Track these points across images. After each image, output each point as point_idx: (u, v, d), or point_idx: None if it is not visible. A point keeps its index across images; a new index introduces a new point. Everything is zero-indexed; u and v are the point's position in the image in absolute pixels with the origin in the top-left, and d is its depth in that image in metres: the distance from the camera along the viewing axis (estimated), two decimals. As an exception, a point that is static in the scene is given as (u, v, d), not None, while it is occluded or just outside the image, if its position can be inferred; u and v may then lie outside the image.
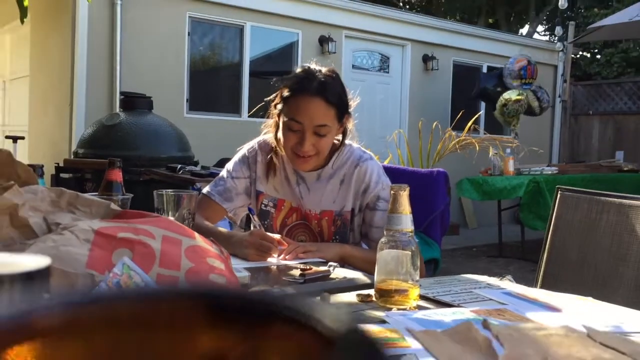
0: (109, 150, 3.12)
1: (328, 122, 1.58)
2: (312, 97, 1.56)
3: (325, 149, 1.63)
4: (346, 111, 1.66)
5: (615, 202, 1.58)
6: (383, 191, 1.66)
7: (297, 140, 1.58)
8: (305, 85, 1.57)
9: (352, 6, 7.53)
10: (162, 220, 0.82)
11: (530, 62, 7.54)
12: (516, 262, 5.94)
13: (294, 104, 1.58)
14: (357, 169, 1.67)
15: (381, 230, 1.61)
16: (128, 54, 5.75)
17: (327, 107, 1.57)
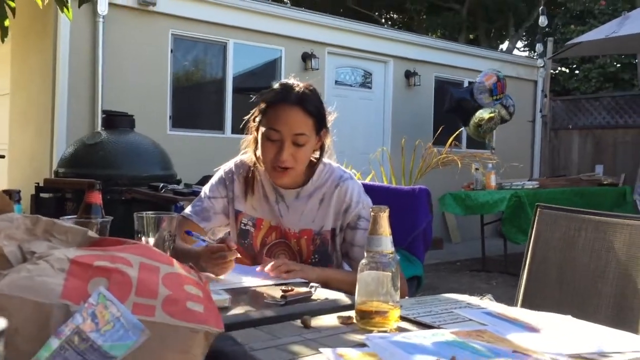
0: (90, 169, 3.10)
1: (306, 132, 1.60)
2: (291, 106, 1.59)
3: (303, 161, 1.64)
4: (324, 125, 1.68)
5: (593, 219, 1.60)
6: (364, 210, 1.67)
7: (276, 151, 1.60)
8: (284, 95, 1.61)
9: (334, 23, 7.59)
10: (140, 247, 0.82)
11: (500, 78, 7.63)
12: (499, 275, 5.97)
13: (273, 113, 1.60)
14: (338, 189, 1.68)
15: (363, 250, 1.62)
16: (110, 72, 5.73)
17: (305, 116, 1.60)
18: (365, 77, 8.18)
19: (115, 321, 0.70)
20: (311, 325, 1.11)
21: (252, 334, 1.05)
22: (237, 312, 1.20)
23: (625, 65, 11.27)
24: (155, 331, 0.72)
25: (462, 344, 0.95)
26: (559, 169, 9.38)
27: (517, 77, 9.44)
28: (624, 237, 1.52)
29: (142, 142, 3.32)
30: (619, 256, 1.52)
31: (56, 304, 0.70)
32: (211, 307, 0.80)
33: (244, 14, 6.67)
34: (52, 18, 5.48)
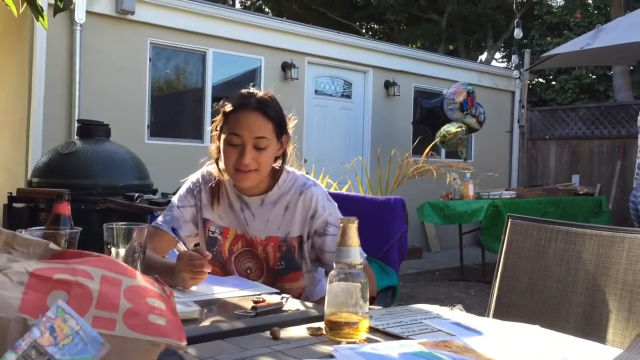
0: (64, 179, 3.07)
1: (267, 135, 1.63)
2: (251, 111, 1.63)
3: (265, 165, 1.65)
4: (284, 131, 1.70)
5: (563, 229, 1.62)
6: (330, 216, 1.70)
7: (237, 155, 1.62)
8: (244, 101, 1.65)
9: (314, 33, 7.62)
10: (102, 259, 0.81)
11: (469, 92, 7.69)
12: (477, 285, 6.01)
13: (234, 119, 1.64)
14: (302, 196, 1.70)
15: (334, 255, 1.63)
16: (88, 81, 5.69)
17: (265, 120, 1.64)
18: (345, 87, 8.22)
19: (74, 335, 0.69)
20: (280, 336, 1.10)
21: (220, 346, 1.05)
22: (207, 324, 1.20)
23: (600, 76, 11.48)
24: (115, 345, 0.71)
25: (428, 355, 0.95)
26: (537, 179, 9.48)
27: (495, 87, 9.56)
28: (593, 248, 1.54)
29: (118, 151, 3.30)
30: (587, 266, 1.54)
31: (14, 317, 0.69)
32: (174, 320, 0.79)
33: (223, 23, 6.67)
34: (28, 26, 5.43)
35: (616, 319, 1.46)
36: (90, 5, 5.64)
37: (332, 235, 1.67)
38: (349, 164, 6.18)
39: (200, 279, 1.44)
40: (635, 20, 6.66)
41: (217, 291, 1.47)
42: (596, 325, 1.51)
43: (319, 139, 7.65)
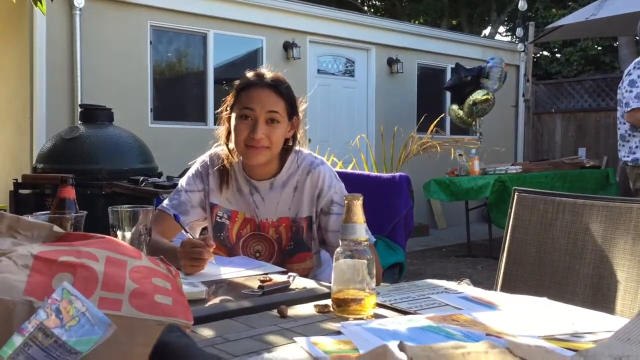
0: (69, 164, 3.07)
1: (279, 110, 1.63)
2: (264, 87, 1.64)
3: (277, 142, 1.64)
4: (295, 111, 1.69)
5: (570, 201, 1.61)
6: (336, 195, 1.68)
7: (249, 130, 1.61)
8: (256, 79, 1.66)
9: (315, 12, 7.55)
10: (106, 240, 0.81)
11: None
12: (484, 260, 6.02)
13: (247, 95, 1.64)
14: (310, 175, 1.68)
15: (337, 235, 1.62)
16: (89, 65, 5.67)
17: (277, 97, 1.64)
18: (348, 66, 8.16)
19: (80, 316, 0.69)
20: (288, 314, 1.11)
21: (228, 325, 1.05)
22: (214, 303, 1.20)
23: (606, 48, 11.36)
24: (122, 325, 0.71)
25: (436, 329, 0.95)
26: (543, 153, 9.44)
27: (500, 62, 9.46)
28: (600, 219, 1.53)
29: (121, 135, 3.29)
30: (595, 238, 1.53)
31: (19, 300, 0.69)
32: (180, 300, 0.79)
33: (223, 4, 6.61)
34: (28, 12, 5.40)
35: (625, 289, 1.45)
36: (89, -11, 5.59)
37: (337, 214, 1.66)
38: (352, 142, 6.15)
39: (199, 267, 1.43)
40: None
41: (223, 271, 1.47)
42: (604, 296, 1.50)
43: (322, 119, 7.62)
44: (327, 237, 1.70)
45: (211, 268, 1.48)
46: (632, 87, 3.26)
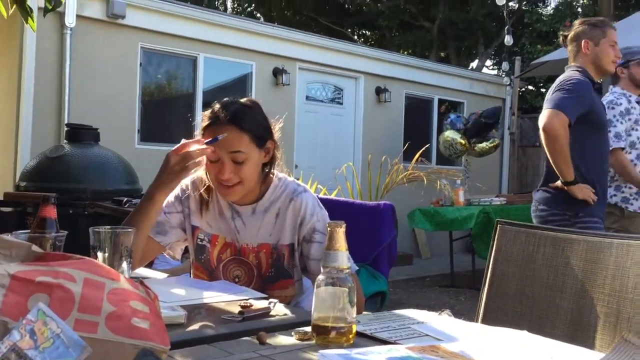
0: (52, 183, 3.04)
1: (242, 149, 1.60)
2: (223, 126, 1.59)
3: (249, 177, 1.63)
4: (267, 137, 1.67)
5: (551, 235, 1.62)
6: (318, 223, 1.67)
7: (217, 170, 1.61)
8: (216, 115, 1.62)
9: (305, 39, 7.64)
10: (85, 262, 0.80)
11: None
12: (467, 291, 6.01)
13: (209, 135, 1.61)
14: (292, 203, 1.68)
15: (318, 263, 1.61)
16: (78, 85, 5.66)
17: (240, 133, 1.60)
18: (336, 93, 8.23)
19: (55, 338, 0.68)
20: (267, 341, 1.10)
21: (206, 351, 1.04)
22: (192, 328, 1.19)
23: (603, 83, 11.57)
24: (97, 348, 0.70)
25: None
26: (527, 186, 9.51)
27: (486, 94, 9.60)
28: (580, 253, 1.54)
29: (107, 155, 3.28)
30: (575, 272, 1.54)
31: (-7, 320, 0.68)
32: (158, 324, 0.79)
33: (214, 28, 6.66)
34: (18, 29, 5.40)
35: (604, 325, 1.46)
36: (81, 9, 5.62)
37: (318, 242, 1.65)
38: (338, 169, 6.16)
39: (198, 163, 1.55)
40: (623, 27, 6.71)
41: (204, 296, 1.46)
42: (584, 331, 1.51)
43: (310, 145, 7.65)
44: (309, 265, 1.69)
45: (192, 292, 1.46)
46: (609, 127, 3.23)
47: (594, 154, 2.89)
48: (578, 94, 2.79)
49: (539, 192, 3.06)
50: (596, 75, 2.95)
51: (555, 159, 2.80)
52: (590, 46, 2.93)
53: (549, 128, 2.76)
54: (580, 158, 2.80)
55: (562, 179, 2.82)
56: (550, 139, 2.78)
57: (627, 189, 3.30)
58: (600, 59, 2.92)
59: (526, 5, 15.39)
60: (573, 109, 2.76)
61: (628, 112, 3.30)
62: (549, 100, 2.83)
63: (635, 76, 3.38)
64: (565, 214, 2.86)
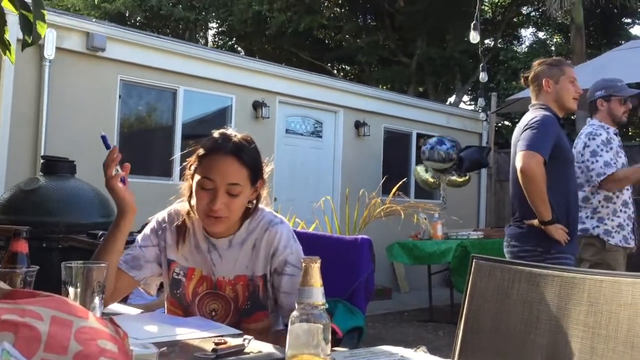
0: (26, 216, 2.98)
1: (240, 182, 1.60)
2: (226, 156, 1.60)
3: (237, 211, 1.63)
4: (260, 176, 1.68)
5: (526, 270, 1.64)
6: (291, 256, 1.66)
7: (209, 199, 1.59)
8: (220, 145, 1.62)
9: (285, 73, 7.71)
10: (53, 300, 0.79)
11: None
12: (446, 326, 5.99)
13: (208, 162, 1.60)
14: (267, 233, 1.67)
15: (288, 296, 1.60)
16: (55, 117, 5.63)
17: (240, 167, 1.60)
18: (316, 127, 8.29)
19: (19, 379, 0.67)
20: (240, 379, 1.08)
21: (177, 390, 1.02)
22: (164, 366, 1.16)
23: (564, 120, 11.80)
24: (63, 389, 0.69)
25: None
26: (504, 220, 9.59)
27: (463, 129, 9.74)
28: (554, 289, 1.55)
29: (82, 188, 3.23)
30: (550, 307, 1.55)
31: (-45, 361, 0.66)
32: (127, 363, 0.77)
33: (194, 61, 6.70)
34: (-4, 61, 5.38)
35: (578, 360, 1.46)
36: (60, 42, 5.62)
37: (289, 275, 1.64)
38: (315, 203, 6.15)
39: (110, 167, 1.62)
40: (596, 66, 6.91)
41: (178, 332, 1.44)
42: (559, 367, 1.51)
43: (289, 178, 7.66)
44: (279, 298, 1.67)
45: (165, 328, 1.44)
46: (596, 157, 3.27)
47: (562, 188, 2.93)
48: (546, 129, 2.85)
49: (510, 227, 3.09)
50: (559, 112, 3.02)
51: (533, 200, 2.84)
52: (551, 84, 3.01)
53: (526, 169, 2.81)
54: (550, 191, 2.84)
55: (539, 218, 2.85)
56: (528, 180, 2.82)
57: (610, 221, 3.30)
58: (562, 96, 3.00)
59: (501, 43, 15.78)
60: (546, 147, 2.82)
61: (609, 141, 3.33)
62: (522, 140, 2.88)
63: (614, 112, 3.41)
64: (537, 249, 2.89)
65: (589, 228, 3.33)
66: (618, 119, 3.44)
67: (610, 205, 3.32)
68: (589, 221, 3.33)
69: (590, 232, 3.32)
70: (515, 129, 3.07)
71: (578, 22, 10.94)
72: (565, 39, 14.70)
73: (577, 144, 3.42)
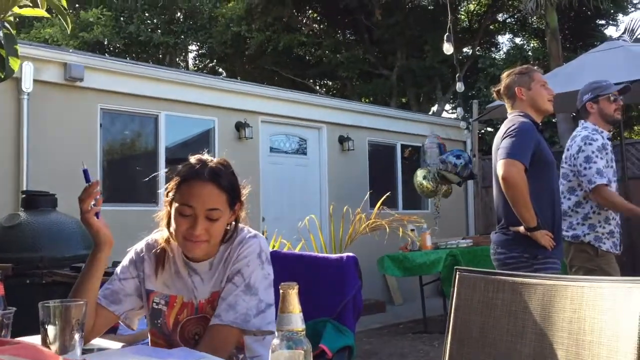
0: (8, 253, 2.96)
1: (219, 207, 1.60)
2: (204, 182, 1.60)
3: (217, 235, 1.63)
4: (238, 199, 1.68)
5: (509, 280, 1.64)
6: (246, 268, 1.63)
7: (188, 225, 1.59)
8: (197, 171, 1.61)
9: (266, 92, 7.73)
10: (21, 347, 0.77)
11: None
12: (440, 336, 5.94)
13: (187, 189, 1.60)
14: (239, 246, 1.66)
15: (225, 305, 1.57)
16: (36, 150, 5.59)
17: (219, 192, 1.61)
18: (300, 144, 8.29)
19: None
20: (223, 412, 1.06)
21: None
22: (146, 403, 1.15)
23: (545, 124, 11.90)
24: None
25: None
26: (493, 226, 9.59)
27: (447, 138, 9.77)
28: (537, 298, 1.55)
29: (64, 221, 3.22)
30: (534, 317, 1.55)
31: None
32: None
33: (175, 86, 6.71)
34: (-26, 96, 5.35)
35: (565, 368, 1.46)
36: (38, 74, 5.60)
37: (234, 284, 1.60)
38: (300, 222, 6.10)
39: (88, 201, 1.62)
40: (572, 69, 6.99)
41: (161, 366, 1.41)
42: (547, 375, 1.50)
43: (275, 197, 7.64)
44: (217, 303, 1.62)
45: (147, 363, 1.42)
46: (590, 163, 3.24)
47: (545, 193, 2.94)
48: (525, 136, 2.87)
49: (496, 234, 3.09)
50: (537, 117, 3.05)
51: (517, 207, 2.85)
52: (524, 92, 3.04)
53: (507, 177, 2.82)
54: (533, 198, 2.85)
55: (525, 225, 2.86)
56: (510, 188, 2.83)
57: (601, 228, 3.29)
58: (536, 100, 3.03)
59: (480, 51, 15.93)
60: (526, 154, 2.84)
61: (604, 147, 3.32)
62: (502, 148, 2.90)
63: (605, 111, 3.39)
64: (523, 256, 2.89)
65: (579, 234, 3.32)
66: (611, 118, 3.41)
67: (602, 212, 3.31)
68: (580, 227, 3.33)
69: (581, 239, 3.31)
70: (495, 138, 3.09)
71: (553, 26, 11.09)
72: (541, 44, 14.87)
73: (571, 147, 3.40)
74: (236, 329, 1.57)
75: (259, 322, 1.59)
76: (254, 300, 1.59)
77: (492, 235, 3.14)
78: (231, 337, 1.58)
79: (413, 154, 9.84)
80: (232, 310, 1.57)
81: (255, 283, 1.61)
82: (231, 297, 1.59)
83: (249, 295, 1.59)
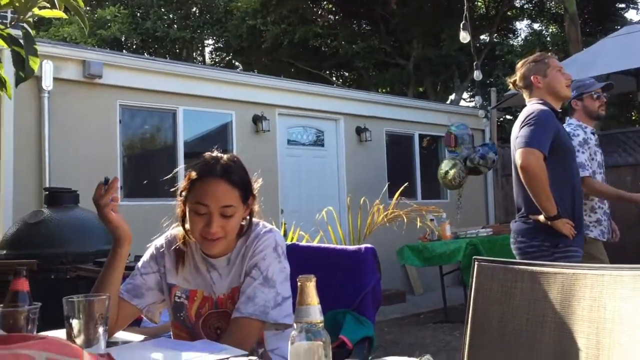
0: (33, 249, 3.02)
1: (233, 203, 1.62)
2: (217, 179, 1.62)
3: (232, 231, 1.65)
4: (250, 193, 1.70)
5: (528, 269, 1.63)
6: (262, 262, 1.65)
7: (204, 223, 1.61)
8: (208, 169, 1.64)
9: (283, 85, 7.74)
10: (47, 342, 0.80)
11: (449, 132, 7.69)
12: (461, 326, 5.90)
13: (200, 188, 1.63)
14: (256, 241, 1.68)
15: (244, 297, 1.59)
16: (57, 147, 5.67)
17: (231, 188, 1.63)
18: (318, 136, 8.30)
19: None
20: (244, 403, 1.08)
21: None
22: (169, 395, 1.17)
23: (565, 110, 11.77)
24: None
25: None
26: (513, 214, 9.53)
27: (465, 127, 9.72)
28: (557, 286, 1.55)
29: (87, 217, 3.27)
30: (554, 305, 1.54)
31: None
32: (123, 399, 0.78)
33: (192, 81, 6.74)
34: (-5, 96, 5.44)
35: (586, 357, 1.46)
36: (58, 72, 5.67)
37: (252, 278, 1.63)
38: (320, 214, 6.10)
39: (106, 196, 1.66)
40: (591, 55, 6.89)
41: (183, 358, 1.44)
42: (568, 364, 1.50)
43: (293, 189, 7.67)
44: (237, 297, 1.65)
45: (169, 354, 1.44)
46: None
47: (565, 181, 2.92)
48: (544, 125, 2.85)
49: (516, 223, 3.08)
50: (556, 103, 3.03)
51: (536, 196, 2.83)
52: (540, 79, 3.02)
53: (526, 166, 2.80)
54: (554, 186, 2.83)
55: (545, 214, 2.84)
56: (529, 177, 2.81)
57: (588, 217, 3.37)
58: (554, 86, 3.01)
59: (497, 38, 15.76)
60: (544, 142, 2.81)
61: (586, 142, 3.41)
62: (520, 137, 2.88)
63: (590, 108, 3.51)
64: (544, 244, 2.88)
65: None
66: (595, 114, 3.53)
67: (587, 202, 3.39)
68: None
69: None
70: (514, 126, 3.07)
71: (571, 11, 10.93)
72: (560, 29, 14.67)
73: None
74: (256, 321, 1.59)
75: (277, 315, 1.61)
76: (271, 292, 1.62)
77: (512, 224, 3.13)
78: (252, 329, 1.60)
79: (431, 144, 9.79)
80: (250, 303, 1.60)
81: (273, 276, 1.63)
82: (249, 290, 1.61)
83: (267, 288, 1.62)
